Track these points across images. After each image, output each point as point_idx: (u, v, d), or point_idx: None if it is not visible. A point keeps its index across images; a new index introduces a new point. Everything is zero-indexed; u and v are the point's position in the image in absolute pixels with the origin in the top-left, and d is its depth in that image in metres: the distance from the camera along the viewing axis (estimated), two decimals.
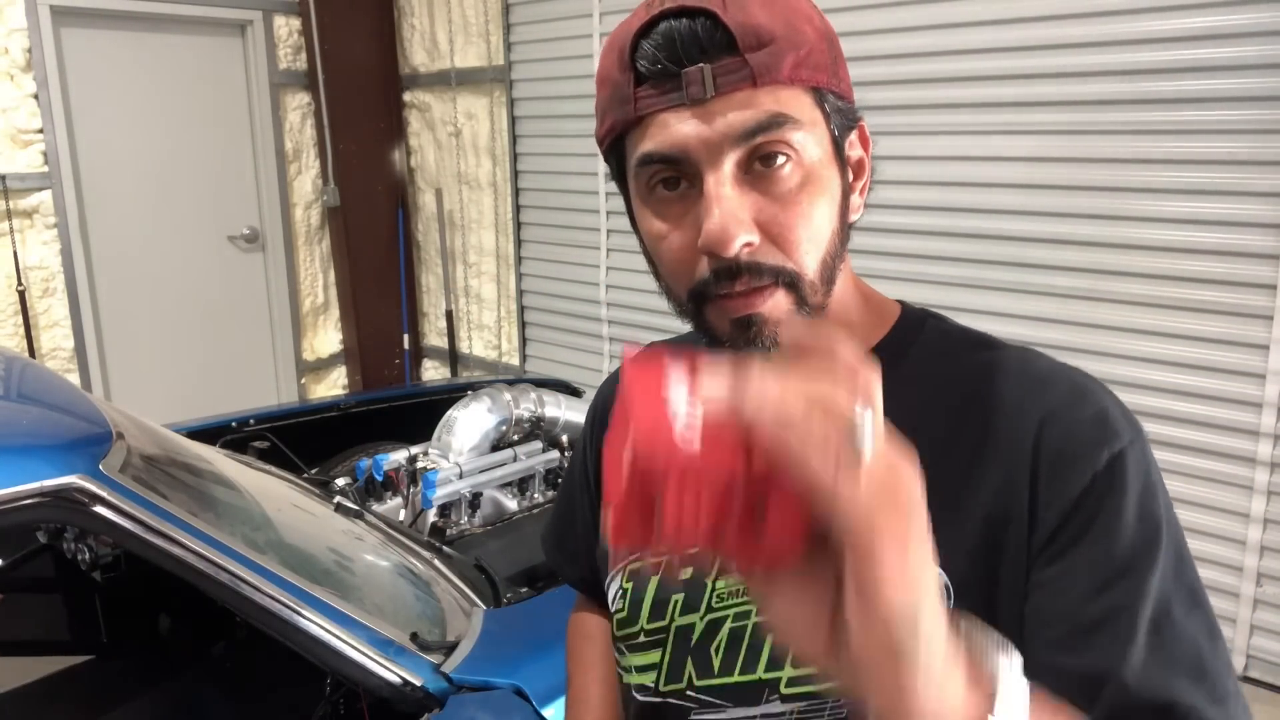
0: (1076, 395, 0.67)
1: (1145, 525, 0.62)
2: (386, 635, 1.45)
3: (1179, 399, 2.75)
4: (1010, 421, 0.65)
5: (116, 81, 4.25)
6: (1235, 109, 2.55)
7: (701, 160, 0.62)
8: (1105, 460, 0.63)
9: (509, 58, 4.44)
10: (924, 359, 0.71)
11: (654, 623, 0.74)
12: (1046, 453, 0.64)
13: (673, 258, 0.65)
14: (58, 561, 2.19)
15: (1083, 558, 0.61)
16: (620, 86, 0.64)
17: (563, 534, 0.96)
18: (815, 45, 0.64)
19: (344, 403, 2.87)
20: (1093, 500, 0.62)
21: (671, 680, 0.73)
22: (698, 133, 0.62)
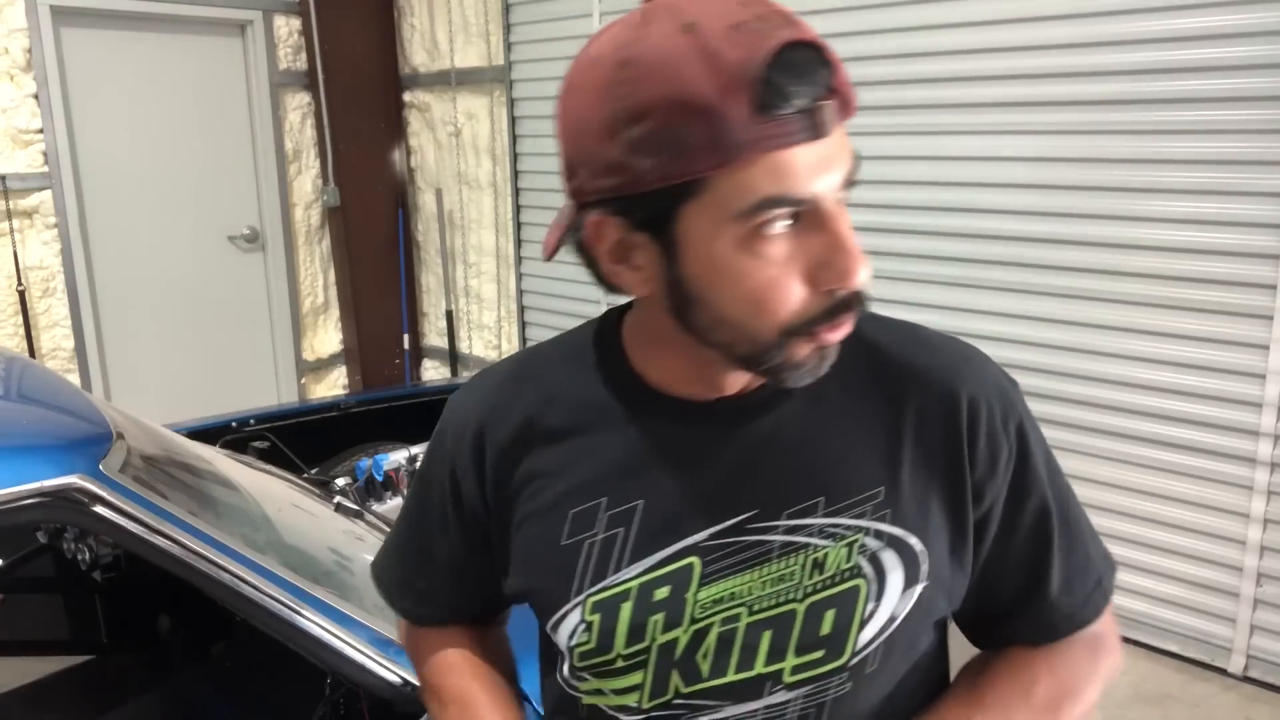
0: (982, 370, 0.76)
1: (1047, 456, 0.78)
2: (386, 635, 1.45)
3: (1179, 399, 2.75)
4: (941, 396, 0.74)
5: (116, 81, 4.25)
6: (1235, 109, 2.55)
7: (825, 201, 0.62)
8: (1017, 428, 0.75)
9: (509, 58, 4.44)
10: (848, 346, 0.71)
11: (632, 646, 0.73)
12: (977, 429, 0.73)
13: (776, 299, 0.64)
14: (58, 561, 2.19)
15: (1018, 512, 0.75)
16: (730, 118, 0.58)
17: (411, 572, 0.90)
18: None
19: (344, 403, 2.87)
20: (1016, 468, 0.75)
21: (655, 695, 0.74)
22: (825, 172, 0.61)
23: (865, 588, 0.70)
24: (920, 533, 0.71)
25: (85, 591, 2.21)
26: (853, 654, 0.70)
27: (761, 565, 0.71)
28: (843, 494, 0.71)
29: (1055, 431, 2.94)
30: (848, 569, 0.70)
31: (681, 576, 0.72)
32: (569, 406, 0.77)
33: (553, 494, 0.76)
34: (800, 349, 0.66)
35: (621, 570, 0.73)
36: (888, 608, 0.71)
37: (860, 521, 0.71)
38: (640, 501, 0.73)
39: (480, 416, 0.80)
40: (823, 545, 0.70)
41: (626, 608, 0.73)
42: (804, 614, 0.70)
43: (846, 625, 0.70)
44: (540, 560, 0.77)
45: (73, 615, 2.29)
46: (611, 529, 0.73)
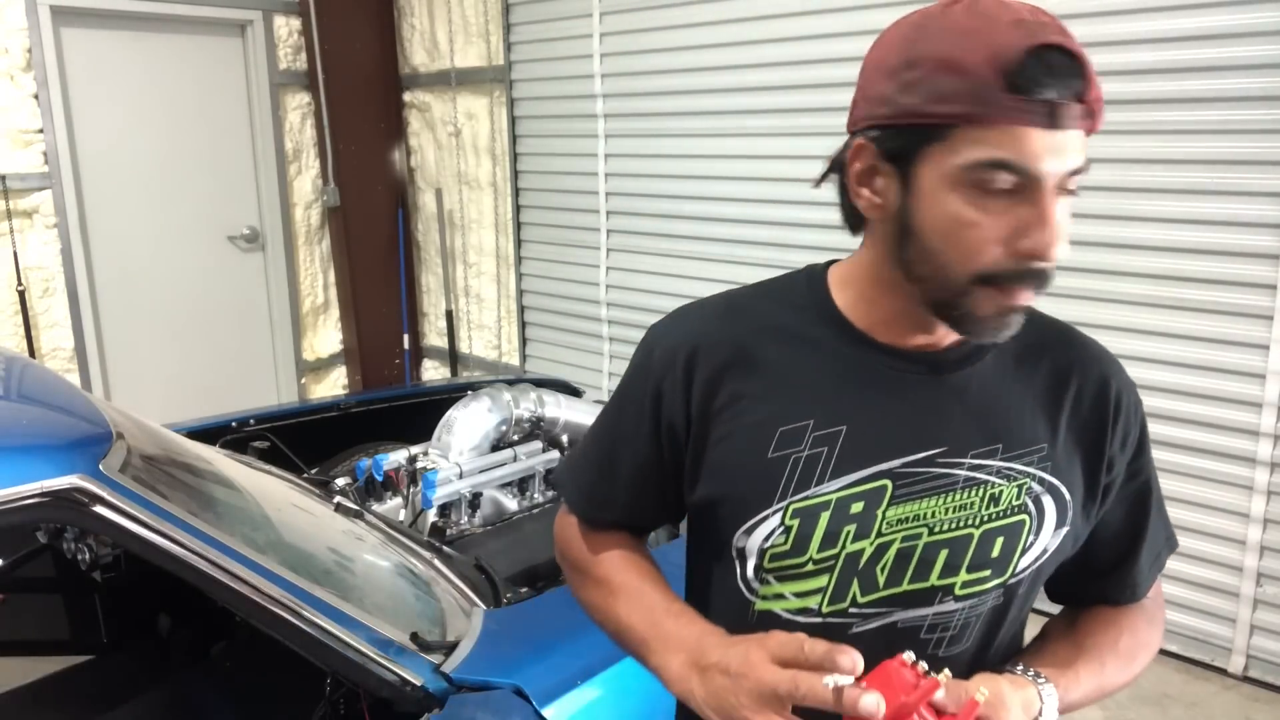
0: (1120, 367, 0.92)
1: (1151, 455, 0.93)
2: (386, 635, 1.45)
3: (1179, 399, 2.75)
4: (1096, 381, 0.89)
5: (116, 81, 4.25)
6: (1235, 109, 2.55)
7: (1045, 181, 0.73)
8: (1143, 419, 0.92)
9: (509, 58, 4.44)
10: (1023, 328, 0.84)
11: (824, 551, 0.84)
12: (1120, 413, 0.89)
13: (975, 244, 0.76)
14: (58, 561, 2.19)
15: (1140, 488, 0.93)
16: (983, 85, 0.72)
17: (593, 478, 1.00)
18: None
19: (344, 403, 2.86)
20: (1138, 447, 0.91)
21: (835, 601, 0.85)
22: (1052, 158, 0.73)
23: (1029, 523, 0.84)
24: (1070, 486, 0.86)
25: (85, 591, 2.21)
26: (1012, 574, 0.85)
27: (946, 494, 0.83)
28: (1017, 444, 0.85)
29: None
30: (1017, 505, 0.84)
31: (875, 496, 0.83)
32: (780, 338, 0.89)
33: (760, 414, 0.86)
34: (985, 302, 0.78)
35: (824, 484, 0.84)
36: (1043, 542, 0.85)
37: (1029, 468, 0.85)
38: (845, 426, 0.85)
39: (693, 340, 0.90)
40: (999, 483, 0.84)
41: (825, 516, 0.83)
42: (979, 538, 0.84)
43: (1012, 551, 0.84)
44: (743, 469, 0.86)
45: (73, 615, 2.29)
46: (816, 448, 0.84)
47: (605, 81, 4.08)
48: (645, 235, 4.08)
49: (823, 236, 3.33)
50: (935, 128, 0.74)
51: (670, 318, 0.95)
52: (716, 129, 3.71)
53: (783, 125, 3.47)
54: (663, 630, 0.87)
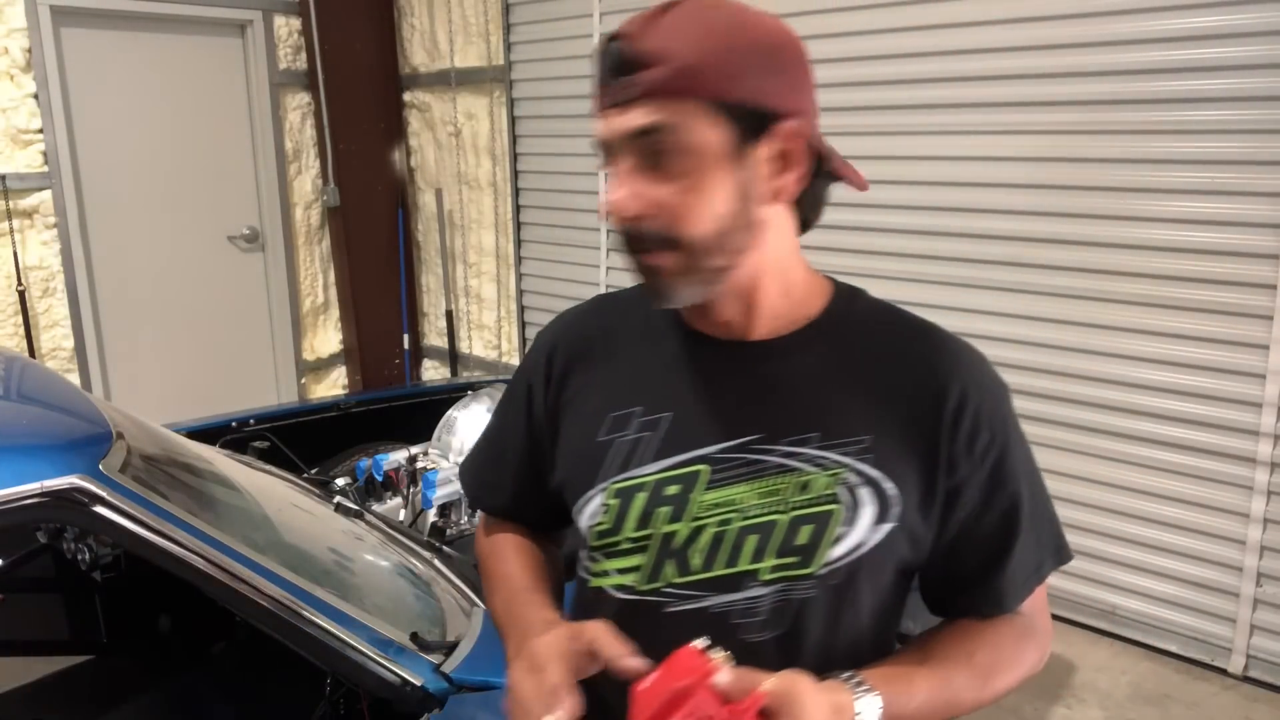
0: (980, 371, 0.88)
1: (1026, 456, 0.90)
2: (386, 635, 1.45)
3: (1179, 399, 2.75)
4: (936, 381, 0.85)
5: (116, 81, 4.25)
6: (1235, 109, 2.55)
7: (615, 150, 0.82)
8: (1000, 427, 0.87)
9: (509, 58, 4.44)
10: (866, 323, 0.90)
11: (639, 531, 0.87)
12: (961, 416, 0.85)
13: (607, 217, 0.84)
14: (58, 561, 2.19)
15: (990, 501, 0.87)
16: (596, 84, 0.84)
17: (483, 465, 1.08)
18: (723, 61, 0.79)
19: (344, 403, 2.87)
20: (995, 460, 0.86)
21: (651, 580, 0.87)
22: (608, 132, 0.82)
23: (840, 513, 0.83)
24: (897, 481, 0.84)
25: (85, 591, 2.21)
26: (821, 565, 0.83)
27: (757, 480, 0.84)
28: (835, 433, 0.84)
29: (1055, 431, 2.94)
30: (828, 494, 0.83)
31: (690, 479, 0.86)
32: (631, 331, 0.95)
33: (597, 401, 0.93)
34: (633, 266, 0.85)
35: (643, 466, 0.88)
36: (857, 535, 0.83)
37: (845, 459, 0.84)
38: (671, 413, 0.88)
39: (557, 337, 1.00)
40: (811, 471, 0.84)
41: (641, 497, 0.87)
42: (786, 524, 0.83)
43: (819, 539, 0.83)
44: (577, 453, 0.93)
45: (73, 615, 2.29)
46: (640, 432, 0.89)
47: None
48: None
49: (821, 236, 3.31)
50: None
51: (556, 317, 1.03)
52: None
53: None
54: (513, 615, 0.93)
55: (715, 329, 0.90)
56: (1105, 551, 2.91)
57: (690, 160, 0.79)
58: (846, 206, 3.30)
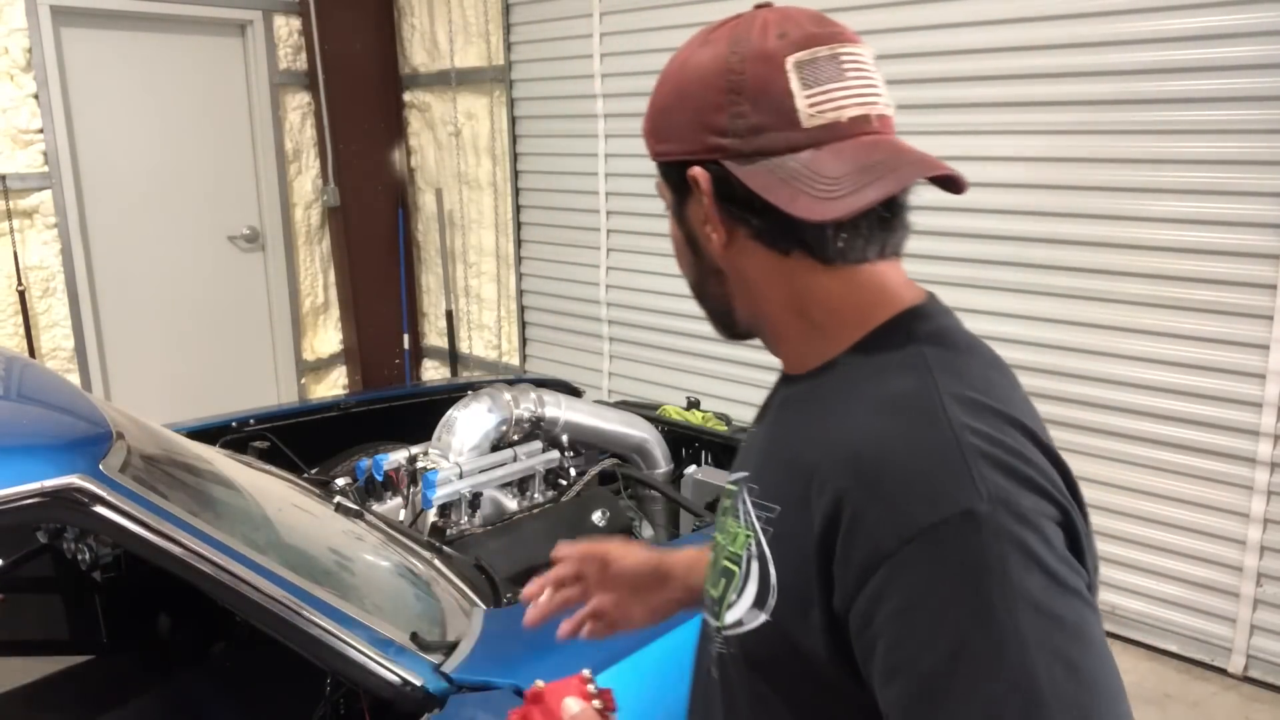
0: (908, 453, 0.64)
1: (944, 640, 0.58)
2: (386, 635, 1.45)
3: (1179, 399, 2.75)
4: (840, 461, 0.67)
5: (116, 81, 4.25)
6: (1235, 109, 2.55)
7: None
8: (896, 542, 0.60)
9: (509, 58, 4.44)
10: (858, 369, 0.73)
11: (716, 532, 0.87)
12: (849, 512, 0.64)
13: None
14: (58, 561, 2.19)
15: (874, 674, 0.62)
16: None
17: None
18: (654, 120, 0.79)
19: (344, 403, 2.86)
20: (875, 592, 0.61)
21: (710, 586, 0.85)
22: None
23: (736, 579, 0.75)
24: (782, 571, 0.70)
25: (85, 591, 2.21)
26: (723, 625, 0.77)
27: (735, 516, 0.79)
28: (762, 493, 0.75)
29: (1055, 431, 2.92)
30: (737, 554, 0.76)
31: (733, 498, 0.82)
32: None
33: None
34: None
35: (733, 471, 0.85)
36: (740, 609, 0.74)
37: (756, 524, 0.74)
38: (757, 428, 0.87)
39: None
40: (741, 525, 0.77)
41: (724, 501, 0.86)
42: (720, 569, 0.79)
43: (723, 598, 0.77)
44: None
45: (73, 615, 2.29)
46: (749, 441, 0.86)
47: (605, 81, 4.08)
48: (645, 235, 4.08)
49: None
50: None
51: None
52: None
53: None
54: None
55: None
56: (1105, 551, 2.91)
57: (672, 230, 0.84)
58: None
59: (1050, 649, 0.57)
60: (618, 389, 4.30)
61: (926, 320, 0.75)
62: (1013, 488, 0.61)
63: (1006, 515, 0.60)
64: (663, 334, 4.04)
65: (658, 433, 2.75)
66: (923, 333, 0.74)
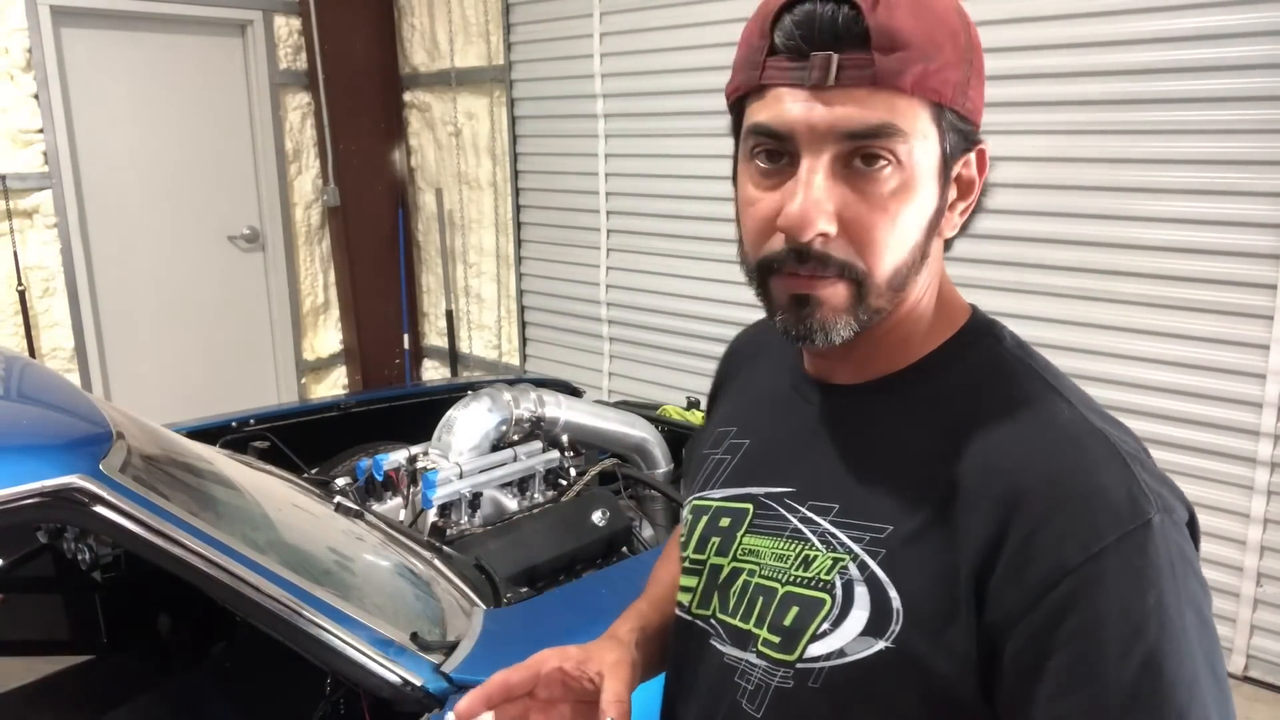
0: (1080, 467, 0.63)
1: (1137, 652, 0.58)
2: (386, 635, 1.45)
3: (1179, 399, 2.75)
4: (1001, 475, 0.64)
5: (116, 81, 4.25)
6: (1235, 109, 2.55)
7: (803, 144, 0.64)
8: (1082, 556, 0.59)
9: (509, 58, 4.44)
10: (967, 380, 0.71)
11: (696, 554, 0.83)
12: (1018, 527, 0.61)
13: (754, 225, 0.68)
14: (58, 561, 2.19)
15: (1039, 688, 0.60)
16: (754, 51, 0.66)
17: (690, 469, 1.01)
18: (950, 61, 0.66)
19: (344, 403, 2.86)
20: (1055, 607, 0.59)
21: (700, 605, 0.82)
22: (808, 117, 0.64)
23: (829, 607, 0.69)
24: (906, 593, 0.66)
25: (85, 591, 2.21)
26: (800, 658, 0.70)
27: (776, 537, 0.75)
28: (855, 511, 0.70)
29: None
30: (825, 580, 0.70)
31: (739, 516, 0.80)
32: (765, 352, 0.90)
33: (720, 413, 0.93)
34: (775, 288, 0.69)
35: (713, 489, 0.84)
36: (840, 638, 0.68)
37: (854, 545, 0.69)
38: (748, 441, 0.83)
39: (731, 346, 0.99)
40: (817, 547, 0.72)
41: (705, 520, 0.83)
42: (780, 597, 0.73)
43: (803, 630, 0.70)
44: (693, 459, 0.92)
45: (73, 615, 2.29)
46: (726, 454, 0.84)
47: (605, 81, 4.08)
48: (645, 235, 4.08)
49: None
50: (735, 106, 0.70)
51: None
52: (717, 129, 3.71)
53: None
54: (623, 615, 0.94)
55: (810, 362, 0.79)
56: None
57: (898, 175, 0.65)
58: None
59: (1209, 656, 0.60)
60: (618, 389, 4.30)
61: (996, 323, 0.76)
62: (1167, 494, 0.63)
63: (1170, 522, 0.61)
64: (663, 334, 4.04)
65: (658, 433, 2.75)
66: (1008, 335, 0.74)
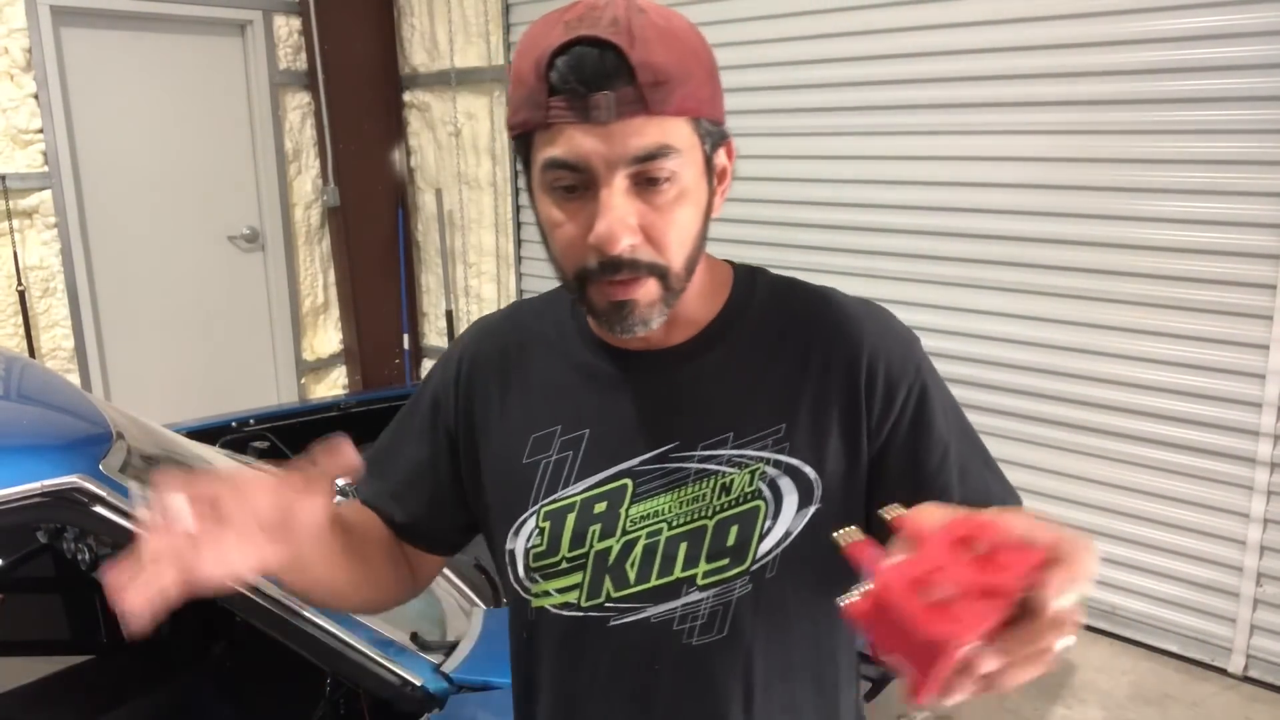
0: (885, 326, 0.88)
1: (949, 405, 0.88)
2: (386, 635, 1.45)
3: (1179, 399, 2.75)
4: (844, 349, 0.85)
5: (116, 81, 4.25)
6: (1235, 109, 2.55)
7: (600, 172, 0.75)
8: (915, 374, 0.85)
9: (509, 58, 4.44)
10: (766, 309, 0.89)
11: (574, 550, 0.87)
12: (875, 375, 0.84)
13: (565, 245, 0.79)
14: (58, 561, 2.19)
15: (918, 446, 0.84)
16: (534, 92, 0.75)
17: (383, 467, 0.99)
18: (700, 80, 0.77)
19: (344, 403, 2.87)
20: (913, 405, 0.85)
21: (591, 596, 0.87)
22: (598, 150, 0.74)
23: (764, 508, 0.83)
24: (815, 464, 0.83)
25: (85, 591, 2.21)
26: (753, 561, 0.83)
27: (680, 488, 0.84)
28: (748, 430, 0.84)
29: (1056, 431, 2.95)
30: (750, 492, 0.83)
31: (617, 495, 0.86)
32: (540, 347, 0.93)
33: (515, 421, 0.91)
34: (597, 296, 0.79)
35: (569, 486, 0.87)
36: (783, 525, 0.83)
37: (762, 453, 0.84)
38: (587, 430, 0.88)
39: (468, 350, 0.96)
40: (730, 472, 0.84)
41: (571, 517, 0.86)
42: (713, 528, 0.84)
43: (748, 538, 0.83)
44: (503, 476, 0.91)
45: (73, 615, 2.29)
46: (563, 452, 0.88)
47: None
48: None
49: (822, 237, 3.33)
50: (522, 138, 0.79)
51: (469, 326, 1.01)
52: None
53: (777, 126, 3.47)
54: None
55: (625, 341, 0.87)
56: (1105, 551, 2.91)
57: (676, 185, 0.76)
58: (846, 207, 3.30)
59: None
60: None
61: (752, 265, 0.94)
62: None
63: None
64: None
65: None
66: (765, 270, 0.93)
